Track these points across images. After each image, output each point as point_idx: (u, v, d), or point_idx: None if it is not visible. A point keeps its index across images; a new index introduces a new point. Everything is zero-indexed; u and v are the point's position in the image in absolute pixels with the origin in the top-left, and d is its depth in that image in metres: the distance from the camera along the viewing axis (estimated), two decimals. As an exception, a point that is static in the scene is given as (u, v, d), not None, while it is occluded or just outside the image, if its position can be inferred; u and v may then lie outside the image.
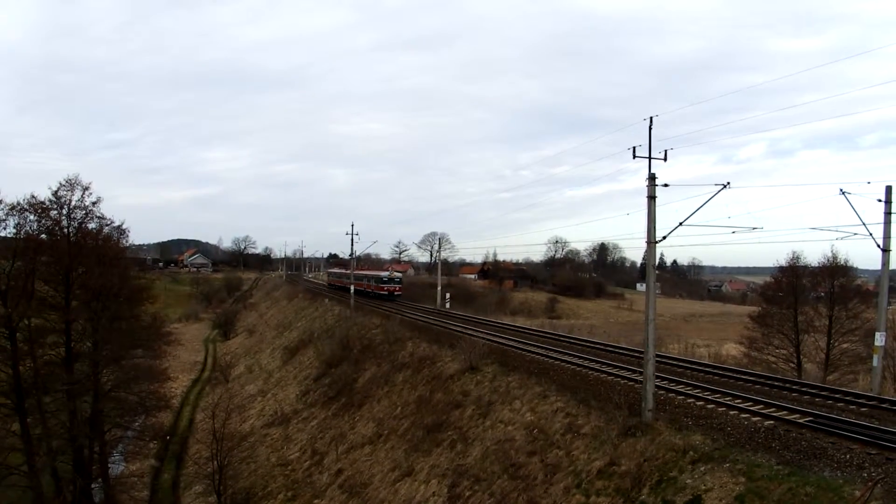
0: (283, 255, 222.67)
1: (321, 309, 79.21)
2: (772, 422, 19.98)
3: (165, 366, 47.23)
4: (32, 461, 32.97)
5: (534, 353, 35.54)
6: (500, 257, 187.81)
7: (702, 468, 16.19)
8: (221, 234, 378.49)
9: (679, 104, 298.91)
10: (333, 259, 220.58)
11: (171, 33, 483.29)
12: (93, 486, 36.78)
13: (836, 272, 45.30)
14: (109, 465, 40.21)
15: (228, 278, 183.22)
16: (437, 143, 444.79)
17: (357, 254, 78.12)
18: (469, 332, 45.25)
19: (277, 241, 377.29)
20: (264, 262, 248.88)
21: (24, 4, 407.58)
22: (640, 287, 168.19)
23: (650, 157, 20.47)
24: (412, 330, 48.10)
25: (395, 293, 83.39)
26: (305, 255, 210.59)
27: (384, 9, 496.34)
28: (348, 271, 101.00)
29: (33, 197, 35.29)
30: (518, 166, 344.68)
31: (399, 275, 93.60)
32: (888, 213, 24.74)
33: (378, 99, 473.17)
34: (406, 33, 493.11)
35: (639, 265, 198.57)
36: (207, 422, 42.34)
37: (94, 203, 37.36)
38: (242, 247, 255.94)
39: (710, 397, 23.84)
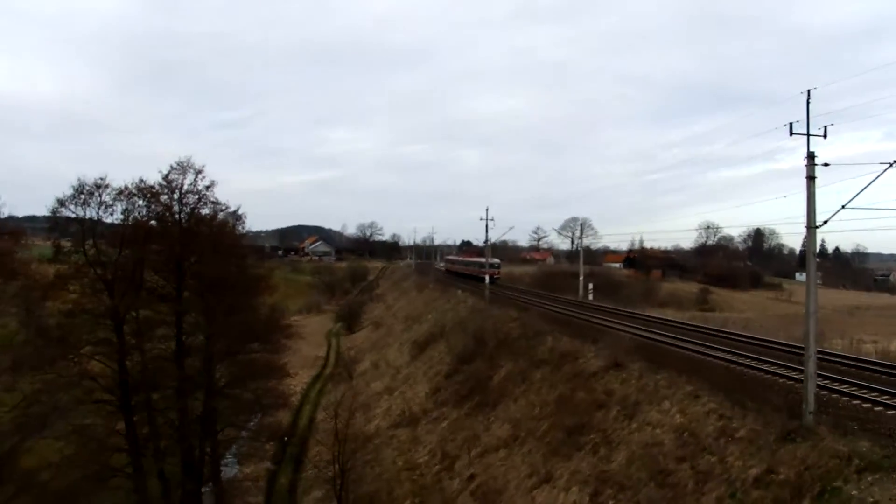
0: (412, 243, 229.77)
1: (453, 300, 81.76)
2: (948, 427, 19.44)
3: (284, 361, 49.94)
4: (138, 462, 35.55)
5: (684, 348, 35.48)
6: (647, 244, 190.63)
7: (869, 478, 16.16)
8: (345, 221, 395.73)
9: (840, 75, 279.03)
10: (466, 247, 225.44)
11: (286, 5, 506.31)
12: (203, 489, 39.16)
13: None
14: (222, 468, 43.02)
15: (353, 267, 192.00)
16: (577, 122, 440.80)
17: (492, 241, 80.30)
18: (613, 325, 45.53)
19: (406, 227, 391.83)
20: (391, 250, 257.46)
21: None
22: (800, 277, 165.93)
23: (808, 134, 20.69)
24: (552, 323, 48.97)
25: (495, 276, 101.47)
26: (436, 243, 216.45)
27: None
28: (462, 258, 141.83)
29: (142, 181, 38.08)
30: (667, 145, 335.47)
31: (497, 261, 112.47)
32: None
33: (512, 74, 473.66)
34: (541, 3, 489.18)
35: (798, 252, 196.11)
36: (329, 422, 44.71)
37: (207, 187, 39.76)
38: (368, 234, 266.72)
39: (878, 399, 23.51)
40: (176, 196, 39.36)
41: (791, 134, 20.68)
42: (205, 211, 41.18)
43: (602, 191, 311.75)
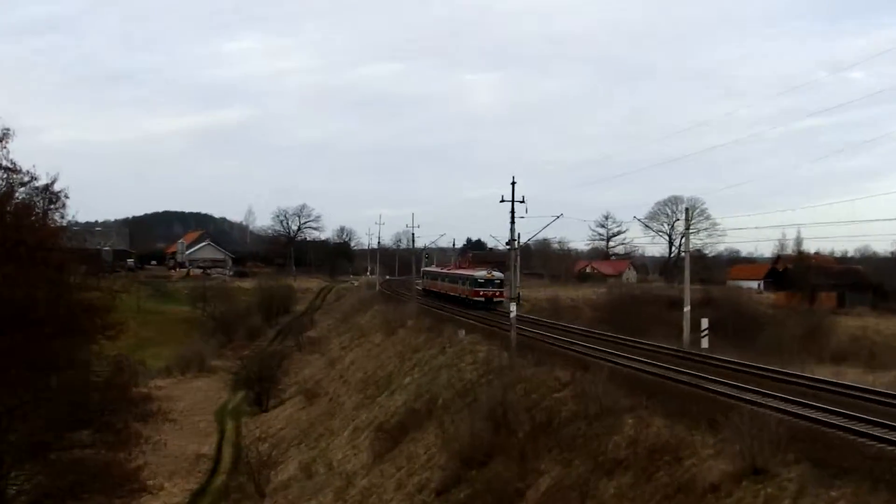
0: (375, 243, 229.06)
1: (452, 349, 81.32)
2: None
3: (138, 463, 49.87)
4: None
5: (882, 440, 35.32)
6: (809, 246, 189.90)
7: None
8: (252, 203, 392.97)
9: None
10: (475, 251, 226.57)
11: None
12: None
13: None
14: None
15: (267, 289, 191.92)
16: (673, 24, 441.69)
17: (524, 241, 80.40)
18: (747, 397, 45.29)
19: (364, 217, 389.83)
20: (337, 255, 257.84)
21: None
22: None
23: None
24: (633, 392, 48.61)
25: (495, 299, 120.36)
26: (420, 244, 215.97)
27: None
28: (446, 271, 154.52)
29: None
30: (838, 65, 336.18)
31: (500, 275, 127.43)
32: None
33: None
34: None
35: None
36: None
37: (-5, 140, 40.14)
38: (294, 228, 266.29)
39: None
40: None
41: None
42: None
43: (721, 150, 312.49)
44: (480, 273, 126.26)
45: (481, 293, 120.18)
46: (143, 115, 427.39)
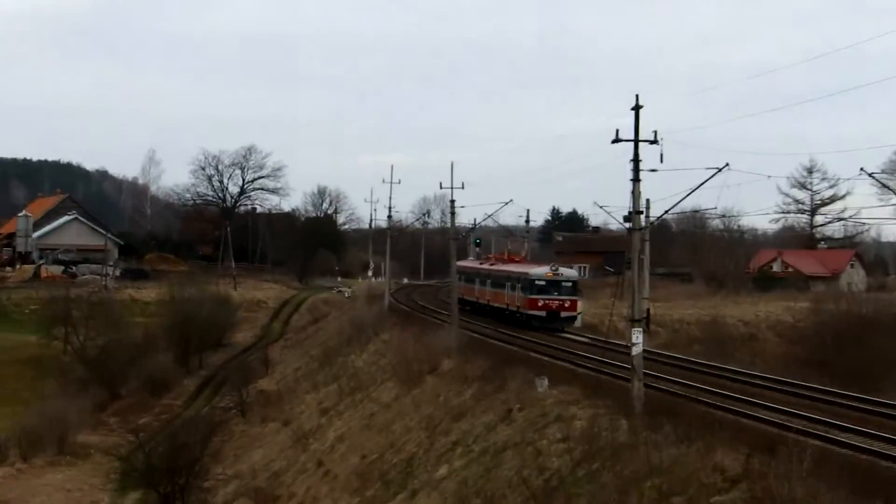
0: (383, 218, 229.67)
1: (524, 414, 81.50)
2: None
3: None
4: None
5: None
6: None
7: None
8: (155, 145, 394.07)
9: None
10: (566, 231, 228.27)
11: None
12: None
13: None
14: None
15: (184, 304, 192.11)
16: None
17: (656, 215, 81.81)
18: None
19: (363, 168, 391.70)
20: (313, 241, 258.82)
21: None
22: None
23: None
24: (860, 492, 48.39)
25: (563, 313, 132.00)
26: (467, 220, 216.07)
27: None
28: (483, 266, 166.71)
29: None
30: None
31: (572, 274, 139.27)
32: None
33: None
34: None
35: None
36: None
37: None
38: (234, 190, 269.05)
39: None
40: None
41: None
42: None
43: None
44: (538, 271, 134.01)
45: (541, 303, 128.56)
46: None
